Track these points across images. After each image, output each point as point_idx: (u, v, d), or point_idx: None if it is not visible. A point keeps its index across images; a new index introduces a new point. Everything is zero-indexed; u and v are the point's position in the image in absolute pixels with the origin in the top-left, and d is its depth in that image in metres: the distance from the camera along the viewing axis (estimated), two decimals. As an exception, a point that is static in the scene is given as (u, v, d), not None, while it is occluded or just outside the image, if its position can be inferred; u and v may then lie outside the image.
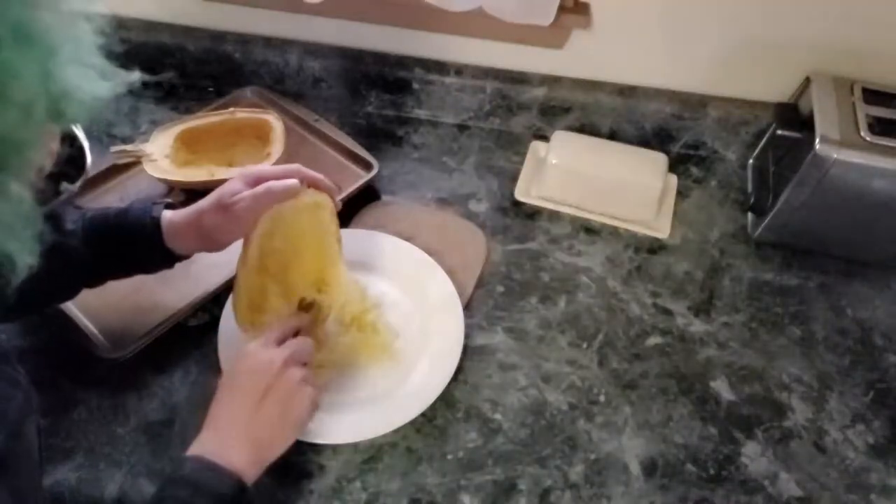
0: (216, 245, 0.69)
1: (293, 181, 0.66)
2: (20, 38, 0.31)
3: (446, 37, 0.96)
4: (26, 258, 0.35)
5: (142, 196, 0.88)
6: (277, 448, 0.60)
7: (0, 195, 0.33)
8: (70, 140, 0.62)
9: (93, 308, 0.75)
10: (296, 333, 0.66)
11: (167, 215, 0.67)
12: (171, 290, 0.77)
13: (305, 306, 0.70)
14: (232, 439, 0.57)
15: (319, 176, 0.69)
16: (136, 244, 0.66)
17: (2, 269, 0.34)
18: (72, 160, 0.61)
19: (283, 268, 0.69)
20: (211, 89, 1.03)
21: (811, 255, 0.87)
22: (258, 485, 0.56)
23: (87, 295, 0.74)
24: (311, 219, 0.69)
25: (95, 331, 0.74)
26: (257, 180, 0.66)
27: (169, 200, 0.68)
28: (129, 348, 0.71)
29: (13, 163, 0.34)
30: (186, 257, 0.70)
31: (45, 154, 0.38)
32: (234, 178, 0.67)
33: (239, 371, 0.62)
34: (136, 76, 0.39)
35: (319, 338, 0.71)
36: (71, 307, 0.74)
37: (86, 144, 0.58)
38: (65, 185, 0.53)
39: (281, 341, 0.64)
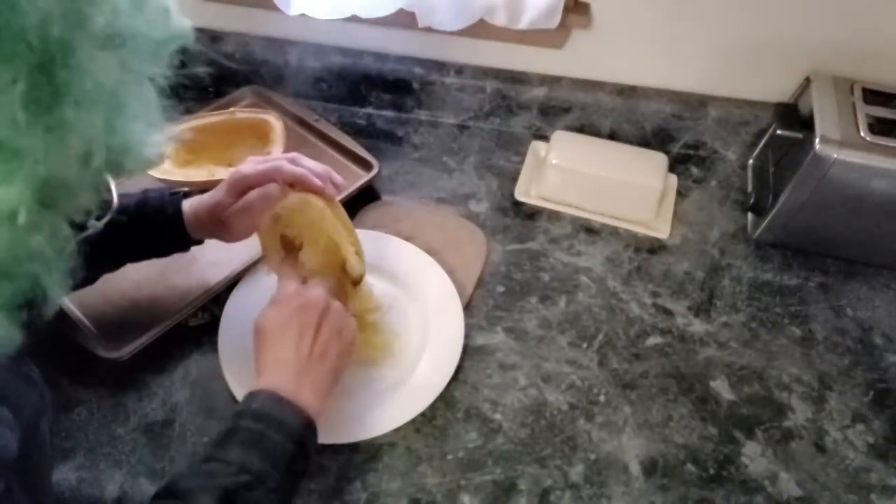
0: (232, 239, 0.72)
1: (270, 188, 0.67)
2: (87, 100, 0.32)
3: (446, 37, 0.96)
4: (58, 292, 0.36)
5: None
6: (340, 374, 0.63)
7: (48, 234, 0.34)
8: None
9: (93, 308, 0.75)
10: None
11: (186, 203, 0.70)
12: (171, 290, 0.77)
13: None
14: (303, 379, 0.58)
15: (300, 173, 0.68)
16: (158, 231, 0.69)
17: (36, 302, 0.35)
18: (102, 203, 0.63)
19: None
20: (211, 89, 1.03)
21: (811, 255, 0.87)
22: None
23: (87, 295, 0.74)
24: (305, 219, 0.69)
25: (95, 331, 0.74)
26: (240, 191, 0.68)
27: (186, 189, 0.71)
28: (129, 348, 0.71)
29: (66, 206, 0.36)
30: (201, 241, 0.73)
31: (96, 198, 0.39)
32: (223, 184, 0.69)
33: (286, 313, 0.62)
34: (180, 129, 0.40)
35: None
36: (71, 307, 0.74)
37: (112, 183, 0.59)
38: (92, 222, 0.54)
39: (303, 279, 0.66)
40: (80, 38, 0.31)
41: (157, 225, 0.68)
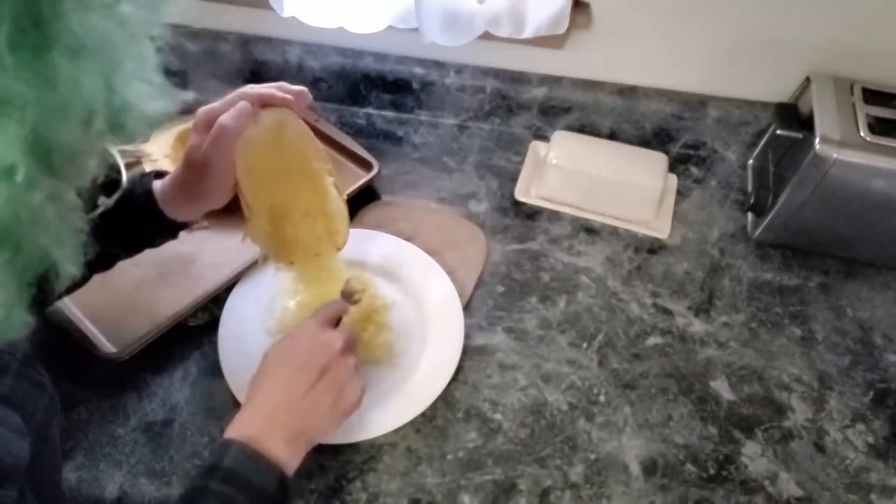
0: (212, 200, 0.63)
1: (241, 105, 0.58)
2: (85, 52, 0.31)
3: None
4: (70, 268, 0.35)
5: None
6: (321, 437, 0.59)
7: (56, 202, 0.33)
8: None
9: (93, 308, 0.75)
10: (337, 321, 0.66)
11: (157, 183, 0.63)
12: (171, 290, 0.77)
13: (345, 294, 0.69)
14: (278, 425, 0.55)
15: (267, 91, 0.61)
16: (134, 218, 0.63)
17: (48, 277, 0.35)
18: (109, 181, 0.61)
19: (279, 201, 0.65)
20: (211, 89, 1.03)
21: (811, 255, 0.87)
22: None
23: (87, 295, 0.74)
24: (278, 141, 0.62)
25: (95, 331, 0.74)
26: (208, 123, 0.59)
27: (158, 170, 0.65)
28: (129, 348, 0.71)
29: (70, 172, 0.35)
30: (186, 225, 0.66)
31: (100, 165, 0.38)
32: (191, 130, 0.61)
33: (296, 346, 0.60)
34: (189, 95, 0.40)
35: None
36: (71, 307, 0.74)
37: (120, 162, 0.59)
38: (102, 199, 0.53)
39: (334, 324, 0.63)
40: None
41: (131, 211, 0.62)
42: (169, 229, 0.65)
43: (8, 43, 0.28)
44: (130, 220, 0.63)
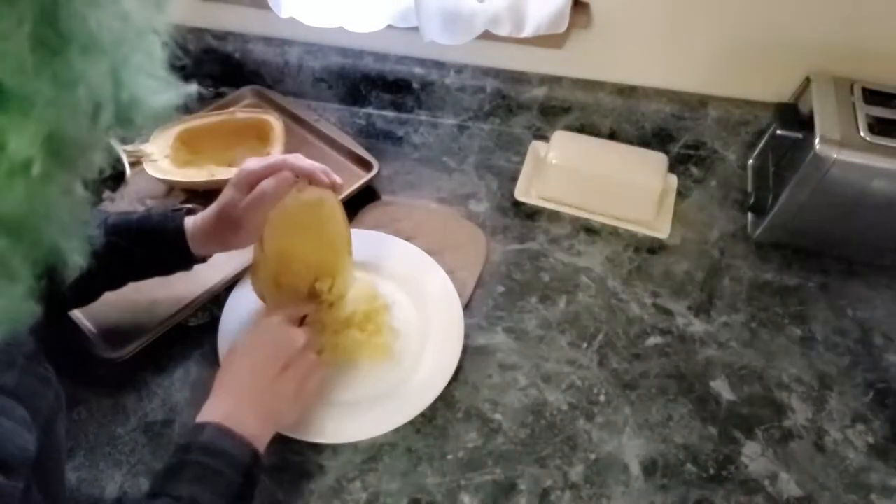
0: (238, 246, 0.71)
1: (284, 175, 0.65)
2: (92, 47, 0.32)
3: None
4: (77, 259, 0.36)
5: (142, 195, 0.88)
6: (285, 422, 0.63)
7: (64, 194, 0.34)
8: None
9: (93, 308, 0.75)
10: (302, 320, 0.70)
11: (189, 220, 0.69)
12: (171, 290, 0.77)
13: (312, 295, 0.73)
14: (246, 407, 0.59)
15: (310, 167, 0.67)
16: (161, 249, 0.68)
17: (56, 269, 0.35)
18: (113, 175, 0.64)
19: (288, 261, 0.71)
20: (211, 89, 1.03)
21: (811, 255, 0.87)
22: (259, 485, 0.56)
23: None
24: (311, 214, 0.70)
25: (95, 331, 0.74)
26: (250, 185, 0.66)
27: (190, 206, 0.71)
28: (128, 348, 0.71)
29: (79, 164, 0.35)
30: (204, 260, 0.72)
31: (106, 158, 0.39)
32: (230, 184, 0.67)
33: (260, 341, 0.64)
34: (193, 88, 0.40)
35: (319, 327, 0.73)
36: (70, 313, 0.74)
37: (123, 155, 0.60)
38: (107, 193, 0.55)
39: (297, 323, 0.67)
40: None
41: (159, 243, 0.68)
42: (189, 262, 0.71)
43: (30, 44, 0.29)
44: (158, 253, 0.68)
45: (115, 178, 0.61)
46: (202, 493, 0.52)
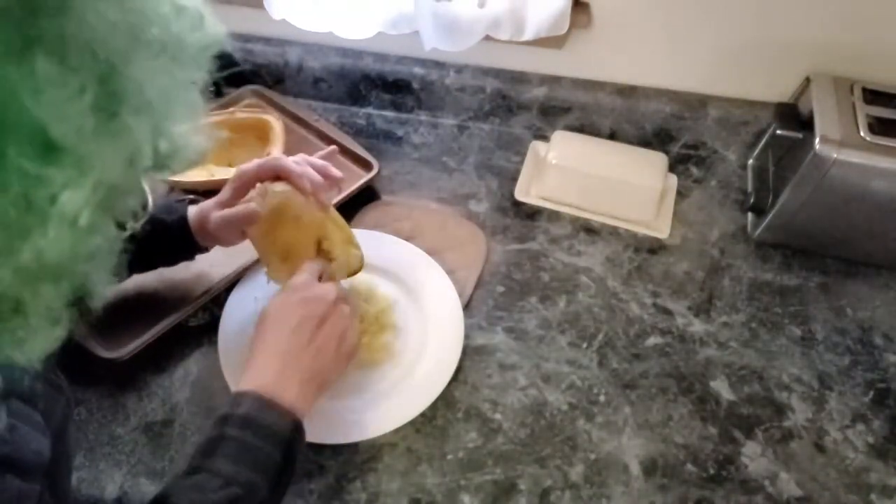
0: (229, 244, 0.73)
1: (250, 206, 0.68)
2: (144, 107, 0.34)
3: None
4: (103, 290, 0.38)
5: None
6: (331, 381, 0.62)
7: (99, 234, 0.35)
8: None
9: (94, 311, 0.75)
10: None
11: (192, 210, 0.70)
12: (171, 290, 0.77)
13: (321, 252, 0.71)
14: (288, 371, 0.58)
15: (297, 171, 0.68)
16: (165, 240, 0.69)
17: (84, 300, 0.37)
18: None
19: (284, 249, 0.71)
20: (211, 89, 1.03)
21: (811, 255, 0.87)
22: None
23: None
24: (280, 215, 0.69)
25: (96, 331, 0.73)
26: (244, 187, 0.69)
27: (192, 197, 0.73)
28: (129, 348, 0.71)
29: (118, 208, 0.37)
30: (207, 249, 0.73)
31: (140, 199, 0.40)
32: (228, 184, 0.70)
33: (291, 301, 0.62)
34: (224, 136, 0.43)
35: None
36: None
37: (146, 185, 0.61)
38: (130, 224, 0.56)
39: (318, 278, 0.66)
40: (136, 48, 0.33)
41: (162, 232, 0.69)
42: (193, 251, 0.72)
43: (91, 109, 0.31)
44: (161, 243, 0.69)
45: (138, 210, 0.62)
46: (240, 468, 0.51)
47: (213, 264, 0.80)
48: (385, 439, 0.68)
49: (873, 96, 0.80)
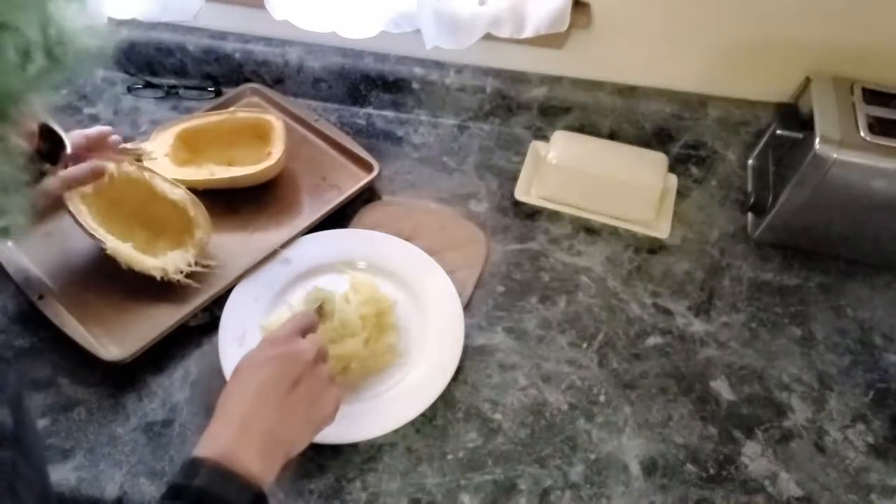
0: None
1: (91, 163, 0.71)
2: None
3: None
4: (19, 221, 0.36)
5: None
6: (297, 449, 0.55)
7: (2, 145, 0.34)
8: (47, 133, 0.63)
9: (95, 313, 0.75)
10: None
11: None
12: (171, 291, 0.77)
13: (318, 310, 0.70)
14: (252, 436, 0.52)
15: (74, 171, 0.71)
16: None
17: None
18: (51, 152, 0.63)
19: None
20: (211, 89, 1.03)
21: (811, 255, 0.87)
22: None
23: (88, 299, 0.74)
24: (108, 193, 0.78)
25: (99, 335, 0.73)
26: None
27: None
28: (131, 351, 0.71)
29: (12, 113, 0.35)
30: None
31: (47, 102, 0.39)
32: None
33: (266, 356, 0.57)
34: (124, 33, 0.40)
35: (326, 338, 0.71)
36: (70, 315, 0.74)
37: (63, 134, 0.61)
38: (47, 166, 0.55)
39: (302, 334, 0.61)
40: None
41: None
42: None
43: None
44: None
45: (54, 152, 0.61)
46: None
47: (213, 264, 0.80)
48: (385, 439, 0.68)
49: (873, 96, 0.80)
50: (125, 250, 0.75)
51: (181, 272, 0.76)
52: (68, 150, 0.56)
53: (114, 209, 0.79)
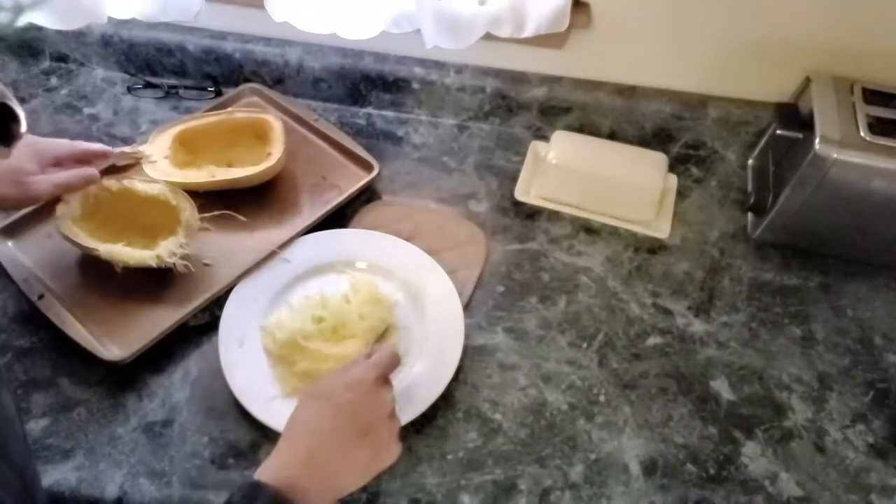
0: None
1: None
2: None
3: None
4: None
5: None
6: (345, 493, 0.55)
7: None
8: (3, 110, 0.62)
9: (95, 314, 0.75)
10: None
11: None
12: (171, 292, 0.77)
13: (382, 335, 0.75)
14: (314, 474, 0.52)
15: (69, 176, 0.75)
16: None
17: None
18: (6, 129, 0.62)
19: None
20: (211, 89, 1.03)
21: (811, 255, 0.87)
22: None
23: (88, 299, 0.74)
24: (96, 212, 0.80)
25: (100, 336, 0.73)
26: (54, 161, 0.74)
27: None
28: (131, 351, 0.71)
29: None
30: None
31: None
32: (26, 156, 0.72)
33: (347, 398, 0.57)
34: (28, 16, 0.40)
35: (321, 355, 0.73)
36: (71, 317, 0.74)
37: (19, 111, 0.59)
38: (1, 148, 0.55)
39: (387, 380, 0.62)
40: None
41: None
42: None
43: None
44: None
45: (6, 132, 0.60)
46: None
47: (213, 264, 0.80)
48: (385, 439, 0.68)
49: (873, 96, 0.80)
50: (119, 249, 0.75)
51: (175, 255, 0.76)
52: (23, 128, 0.55)
53: (105, 225, 0.79)
